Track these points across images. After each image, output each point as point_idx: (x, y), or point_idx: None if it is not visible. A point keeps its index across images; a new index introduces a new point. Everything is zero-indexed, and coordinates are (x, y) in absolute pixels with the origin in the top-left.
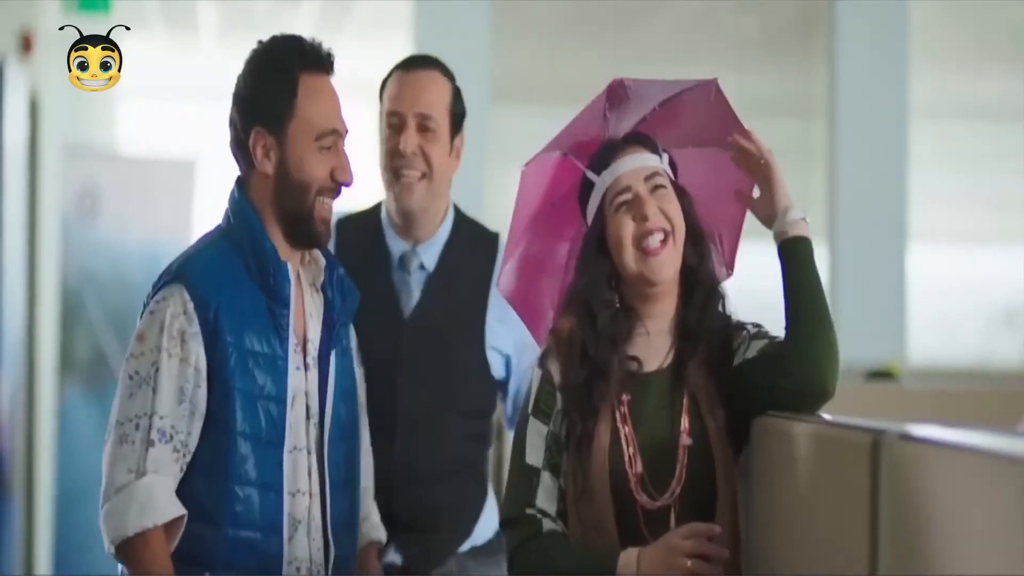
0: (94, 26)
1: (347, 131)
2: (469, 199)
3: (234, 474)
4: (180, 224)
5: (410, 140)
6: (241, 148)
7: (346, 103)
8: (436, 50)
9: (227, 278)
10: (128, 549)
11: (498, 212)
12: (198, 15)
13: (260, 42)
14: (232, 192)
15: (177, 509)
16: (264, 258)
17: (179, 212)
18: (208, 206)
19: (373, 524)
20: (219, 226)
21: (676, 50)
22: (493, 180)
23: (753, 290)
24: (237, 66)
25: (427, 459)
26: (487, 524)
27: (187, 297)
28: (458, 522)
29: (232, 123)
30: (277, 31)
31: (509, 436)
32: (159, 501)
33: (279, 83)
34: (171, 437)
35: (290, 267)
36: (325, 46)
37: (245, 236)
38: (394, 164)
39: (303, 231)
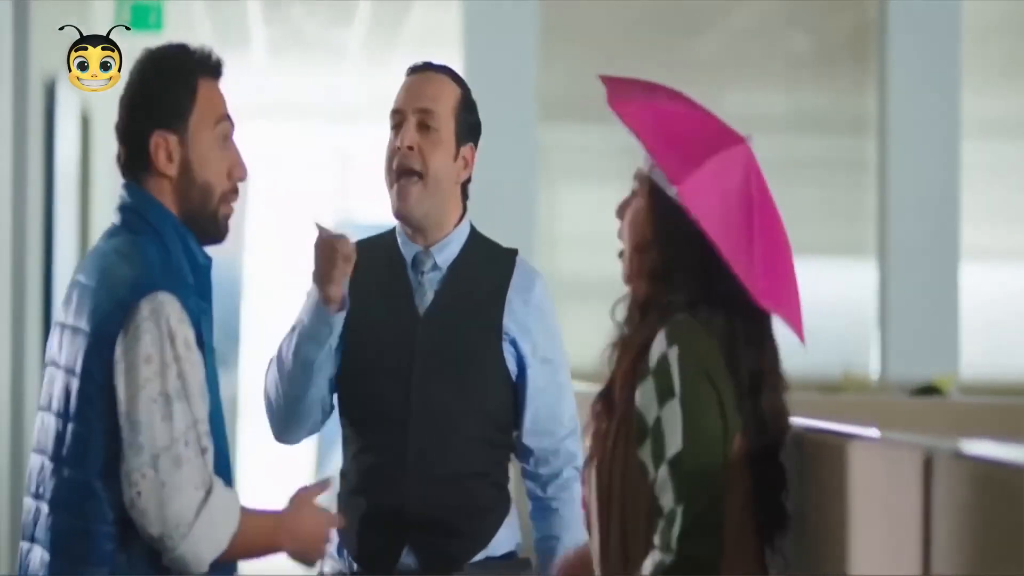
0: (147, 42)
1: (234, 127)
2: (519, 217)
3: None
4: (231, 238)
5: (408, 135)
6: (137, 154)
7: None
8: (485, 67)
9: (184, 283)
10: (230, 548)
11: (549, 229)
12: (249, 33)
13: (149, 50)
14: (142, 197)
15: (236, 492)
16: (196, 263)
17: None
18: (259, 220)
19: None
20: (125, 227)
21: (728, 67)
22: (542, 197)
23: None
24: (288, 84)
25: (441, 458)
26: (507, 536)
27: (180, 304)
28: (473, 527)
29: (126, 131)
30: (328, 50)
31: None
32: (231, 495)
33: (180, 85)
34: (210, 439)
35: None
36: (215, 54)
37: (176, 242)
38: (392, 163)
39: (207, 231)
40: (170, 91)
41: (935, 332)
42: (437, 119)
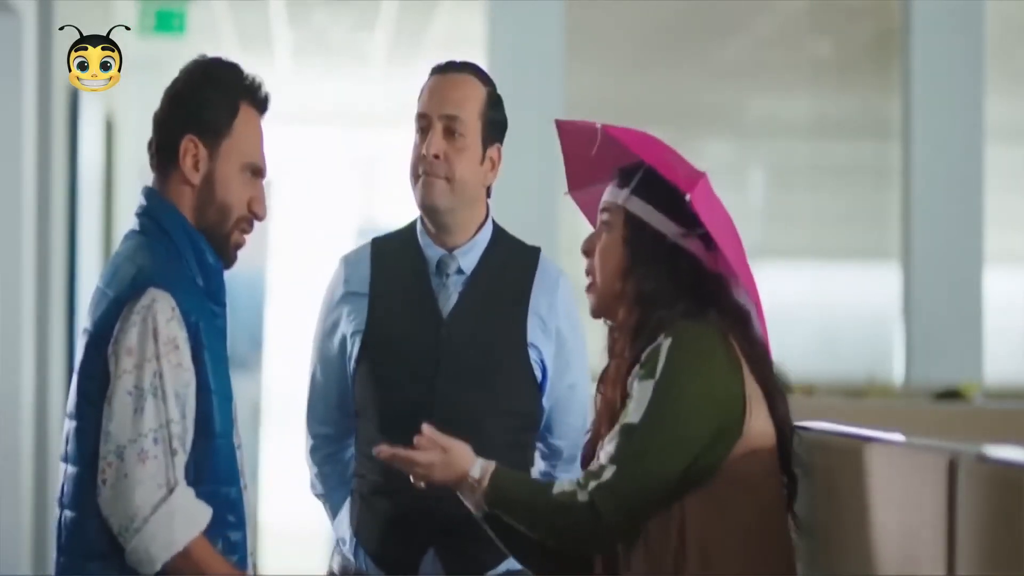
0: (168, 47)
1: (265, 174)
2: (543, 220)
3: (216, 476)
4: (255, 244)
5: (434, 143)
6: (166, 151)
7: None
8: (510, 71)
9: (188, 284)
10: (181, 559)
11: (573, 233)
12: (273, 37)
13: (202, 58)
14: (157, 201)
15: (208, 509)
16: (206, 266)
17: (254, 232)
18: (282, 225)
19: None
20: (140, 231)
21: (751, 72)
22: (568, 201)
23: None
24: (312, 88)
25: None
26: None
27: (173, 303)
28: None
29: (161, 124)
30: (352, 54)
31: None
32: (199, 505)
33: (222, 99)
34: (183, 443)
35: None
36: (265, 88)
37: (186, 244)
38: (418, 169)
39: (215, 252)
40: (212, 102)
41: (959, 337)
42: (463, 125)
